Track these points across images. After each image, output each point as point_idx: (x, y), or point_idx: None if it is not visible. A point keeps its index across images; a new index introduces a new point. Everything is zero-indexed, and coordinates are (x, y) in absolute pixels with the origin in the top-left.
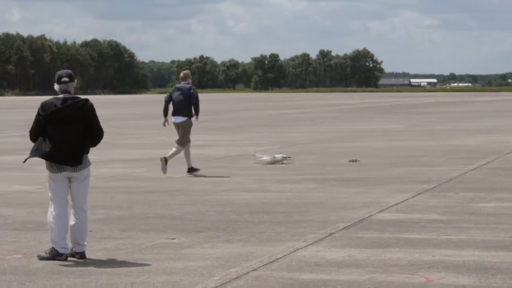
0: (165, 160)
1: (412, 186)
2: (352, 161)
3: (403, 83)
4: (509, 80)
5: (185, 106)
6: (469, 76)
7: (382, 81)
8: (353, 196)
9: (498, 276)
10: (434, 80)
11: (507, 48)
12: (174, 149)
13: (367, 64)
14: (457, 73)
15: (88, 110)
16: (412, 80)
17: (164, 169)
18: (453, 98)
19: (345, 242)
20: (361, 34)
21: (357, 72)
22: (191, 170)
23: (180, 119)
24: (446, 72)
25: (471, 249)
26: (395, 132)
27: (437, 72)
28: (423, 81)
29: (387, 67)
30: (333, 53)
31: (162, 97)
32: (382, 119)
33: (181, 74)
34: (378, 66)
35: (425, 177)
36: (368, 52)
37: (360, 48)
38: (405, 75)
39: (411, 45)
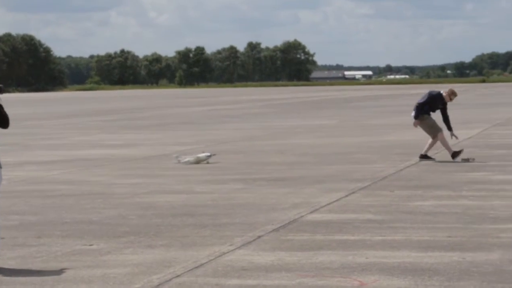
0: None
1: (345, 184)
2: (465, 160)
3: (337, 76)
4: (448, 72)
5: None
6: (406, 67)
7: (314, 74)
8: (283, 197)
9: (435, 278)
10: (370, 73)
11: (445, 38)
12: None
13: (298, 56)
14: (393, 64)
15: None
16: (346, 72)
17: None
18: (389, 91)
19: (274, 245)
20: (292, 24)
21: (288, 65)
22: None
23: None
24: (382, 64)
25: (407, 250)
26: (327, 128)
27: (372, 64)
28: (358, 74)
29: (320, 59)
30: (263, 45)
31: (81, 94)
32: (313, 115)
33: None
34: (310, 58)
35: (359, 175)
36: (299, 44)
37: (291, 39)
38: (339, 67)
39: (345, 36)
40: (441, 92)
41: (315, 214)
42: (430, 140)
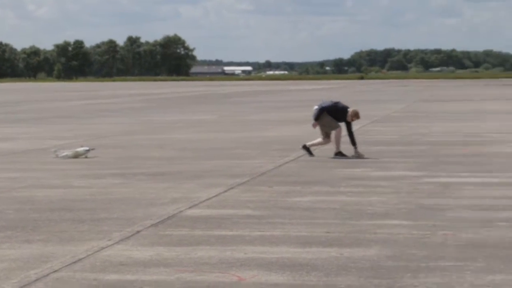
0: None
1: (224, 180)
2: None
3: (216, 71)
4: (327, 68)
5: None
6: (285, 63)
7: (194, 69)
8: (162, 191)
9: (313, 274)
10: (249, 68)
11: (325, 34)
12: None
13: (178, 51)
14: (273, 60)
15: None
16: (225, 68)
17: None
18: (269, 87)
19: (153, 240)
20: (172, 19)
21: (167, 60)
22: None
23: None
24: (262, 60)
25: (285, 245)
26: (206, 123)
27: (252, 59)
28: (237, 69)
29: (200, 55)
30: (142, 40)
31: None
32: (192, 110)
33: None
34: (190, 53)
35: (238, 171)
36: (179, 39)
37: (171, 34)
38: (219, 62)
39: (225, 31)
40: (348, 109)
41: (194, 210)
42: (320, 139)
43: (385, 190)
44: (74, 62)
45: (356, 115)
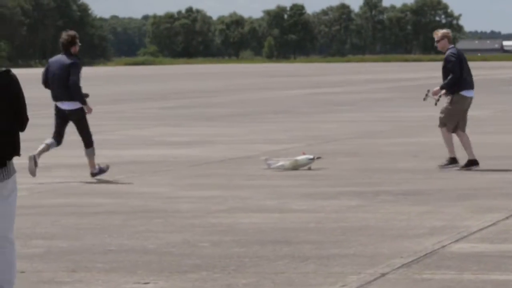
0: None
1: (504, 201)
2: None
3: (492, 47)
4: None
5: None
6: None
7: (460, 45)
8: (417, 218)
9: None
10: None
11: None
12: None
13: (437, 19)
14: None
15: (14, 84)
16: (505, 42)
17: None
18: None
19: (405, 287)
20: None
21: (422, 32)
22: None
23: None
24: None
25: None
26: (477, 121)
27: None
28: None
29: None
30: (386, 3)
31: (130, 70)
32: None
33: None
34: (454, 22)
35: None
36: (439, 1)
37: None
38: (495, 35)
39: None
40: None
41: (462, 244)
42: None
43: None
44: (292, 36)
45: None
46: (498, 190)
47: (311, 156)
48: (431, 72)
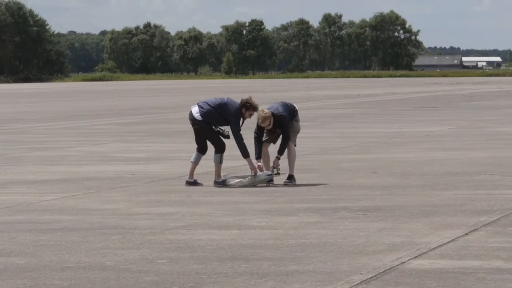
0: None
1: (463, 218)
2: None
3: (451, 63)
4: None
5: None
6: None
7: (419, 61)
8: (376, 235)
9: None
10: (498, 59)
11: None
12: None
13: (396, 35)
14: None
15: None
16: (464, 58)
17: None
18: None
19: None
20: None
21: (381, 48)
22: None
23: None
24: None
25: None
26: (436, 137)
27: (501, 46)
28: (481, 60)
29: (427, 40)
30: (345, 19)
31: (88, 86)
32: (417, 118)
33: None
34: (413, 38)
35: (483, 205)
36: (397, 17)
37: (385, 11)
38: (454, 51)
39: (460, 7)
40: None
41: (421, 260)
42: None
43: None
44: (251, 51)
45: None
46: (458, 206)
47: (270, 172)
48: (390, 88)
